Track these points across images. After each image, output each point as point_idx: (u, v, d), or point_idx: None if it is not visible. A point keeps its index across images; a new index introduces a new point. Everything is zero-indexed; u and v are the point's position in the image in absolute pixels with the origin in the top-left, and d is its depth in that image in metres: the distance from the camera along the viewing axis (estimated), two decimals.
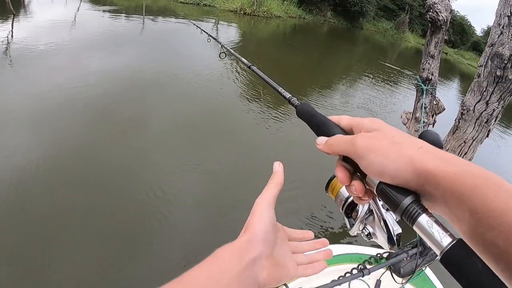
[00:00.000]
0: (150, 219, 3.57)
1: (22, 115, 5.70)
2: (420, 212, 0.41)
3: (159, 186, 4.10)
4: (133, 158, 4.66)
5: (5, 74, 7.81)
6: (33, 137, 5.11)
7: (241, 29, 16.78)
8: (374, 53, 16.68)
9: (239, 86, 8.09)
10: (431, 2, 3.69)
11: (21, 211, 3.54)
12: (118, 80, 7.44)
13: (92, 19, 15.49)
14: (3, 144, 4.83)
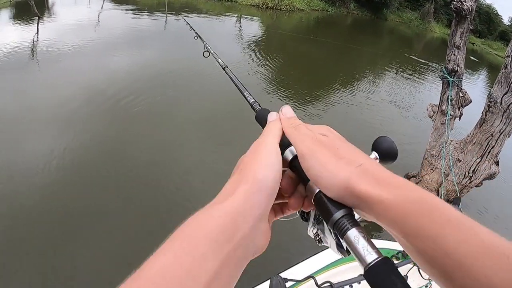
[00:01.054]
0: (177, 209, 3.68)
1: (50, 113, 5.91)
2: (349, 226, 0.42)
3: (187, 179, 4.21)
4: (161, 153, 4.78)
5: (33, 74, 8.06)
6: (63, 134, 5.29)
7: (264, 23, 16.79)
8: (399, 45, 16.43)
9: (268, 78, 8.13)
10: None
11: (58, 200, 3.73)
12: (145, 77, 7.58)
13: (116, 18, 15.73)
14: (39, 141, 5.05)
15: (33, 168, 4.42)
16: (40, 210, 3.66)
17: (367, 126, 6.17)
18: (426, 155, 4.34)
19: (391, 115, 6.76)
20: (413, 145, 5.66)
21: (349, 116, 6.55)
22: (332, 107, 6.75)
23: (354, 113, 6.67)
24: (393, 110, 7.08)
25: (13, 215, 3.60)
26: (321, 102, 6.94)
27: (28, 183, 4.16)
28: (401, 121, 6.69)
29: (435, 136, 4.16)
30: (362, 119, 6.44)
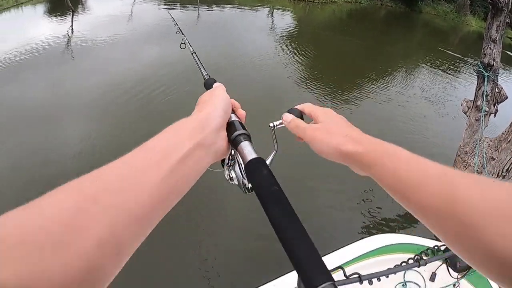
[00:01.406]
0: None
1: (84, 104, 6.19)
2: (242, 140, 0.62)
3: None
4: None
5: (68, 66, 8.36)
6: (96, 123, 5.55)
7: (296, 15, 16.76)
8: (433, 38, 16.09)
9: (299, 71, 8.18)
10: None
11: None
12: (178, 70, 7.71)
13: (148, 11, 15.94)
14: (73, 128, 5.32)
15: (67, 153, 4.70)
16: None
17: (398, 123, 6.16)
18: (459, 152, 4.31)
19: (424, 111, 6.71)
20: (446, 141, 5.63)
21: (380, 112, 6.55)
22: (363, 102, 6.79)
23: (386, 109, 6.67)
24: (426, 106, 7.02)
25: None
26: (352, 97, 6.96)
27: (62, 167, 4.43)
28: (434, 118, 6.64)
29: (469, 132, 4.12)
30: (394, 115, 6.42)
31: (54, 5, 20.22)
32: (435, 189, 0.48)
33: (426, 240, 1.96)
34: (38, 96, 6.77)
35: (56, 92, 6.93)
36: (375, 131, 4.78)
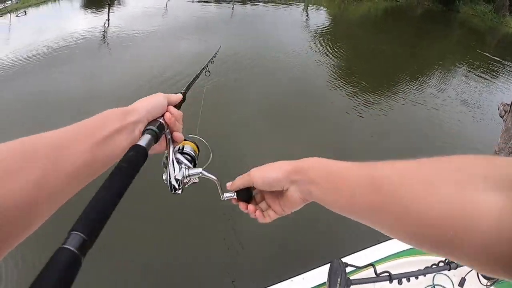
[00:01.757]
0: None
1: (120, 95, 6.45)
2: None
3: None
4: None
5: (104, 58, 8.63)
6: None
7: (331, 12, 16.67)
8: (471, 39, 15.74)
9: (331, 68, 8.20)
10: None
11: None
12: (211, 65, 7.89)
13: (183, 6, 16.11)
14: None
15: None
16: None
17: (431, 126, 6.11)
18: None
19: (458, 115, 6.62)
20: (480, 146, 5.57)
21: (413, 114, 6.52)
22: (397, 104, 6.74)
23: (419, 111, 6.62)
24: (460, 110, 6.93)
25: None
26: (385, 97, 6.94)
27: None
28: (468, 121, 6.55)
29: (505, 137, 4.01)
30: (427, 118, 6.38)
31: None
32: (360, 176, 0.59)
33: None
34: (73, 87, 7.07)
35: (92, 83, 7.21)
36: (406, 134, 4.78)
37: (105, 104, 4.37)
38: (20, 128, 5.65)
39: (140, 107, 0.74)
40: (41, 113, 6.21)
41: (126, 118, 0.68)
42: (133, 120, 0.70)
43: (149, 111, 0.75)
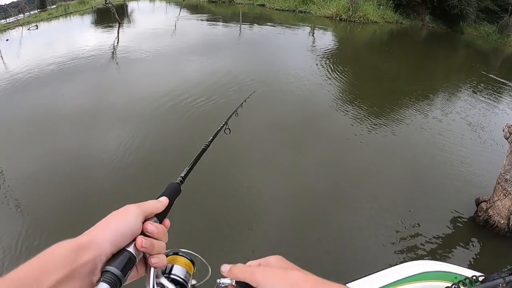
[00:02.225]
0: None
1: (129, 112, 6.66)
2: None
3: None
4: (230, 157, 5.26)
5: (112, 75, 8.92)
6: (139, 130, 6.07)
7: (337, 35, 17.05)
8: (475, 60, 15.91)
9: (337, 90, 8.37)
10: None
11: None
12: (217, 84, 8.07)
13: (191, 26, 16.57)
14: (119, 134, 6.00)
15: (105, 159, 5.11)
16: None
17: (434, 150, 6.19)
18: (499, 179, 4.21)
19: (463, 140, 6.65)
20: (485, 168, 5.65)
21: (416, 138, 6.59)
22: (400, 127, 6.80)
23: (423, 136, 6.69)
24: (465, 133, 6.98)
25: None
26: (390, 121, 7.03)
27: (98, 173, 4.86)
28: (473, 144, 6.60)
29: (511, 159, 4.07)
30: (431, 142, 6.47)
31: (101, 17, 21.39)
32: None
33: (463, 269, 1.88)
34: (81, 102, 7.33)
35: (100, 99, 7.45)
36: (409, 157, 4.93)
37: (110, 120, 4.64)
38: (25, 141, 5.92)
39: (100, 238, 0.57)
40: (48, 125, 6.49)
41: (77, 258, 0.53)
42: (88, 259, 0.54)
43: (113, 242, 0.58)
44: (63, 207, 4.22)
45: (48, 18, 23.20)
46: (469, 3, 23.97)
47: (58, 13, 24.60)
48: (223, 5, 25.76)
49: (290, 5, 23.22)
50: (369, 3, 21.74)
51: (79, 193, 4.46)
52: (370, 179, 5.04)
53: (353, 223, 4.17)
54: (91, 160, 5.20)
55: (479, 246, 3.99)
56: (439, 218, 4.33)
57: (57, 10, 26.14)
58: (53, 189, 4.58)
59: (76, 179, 4.76)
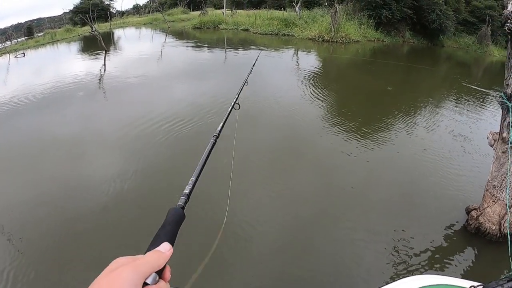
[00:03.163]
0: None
1: (116, 140, 6.65)
2: None
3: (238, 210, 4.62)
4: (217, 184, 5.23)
5: (99, 103, 8.94)
6: (125, 160, 5.97)
7: (321, 56, 17.25)
8: (457, 72, 16.18)
9: (320, 112, 8.41)
10: (508, 12, 3.54)
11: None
12: (204, 108, 8.09)
13: (177, 52, 16.78)
14: (104, 162, 5.90)
15: (93, 188, 5.04)
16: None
17: (422, 162, 6.17)
18: (487, 186, 4.20)
19: (449, 153, 6.59)
20: (473, 176, 5.66)
21: (405, 157, 6.47)
22: (388, 145, 6.78)
23: (412, 153, 6.59)
24: (451, 145, 6.95)
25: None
26: (377, 138, 7.03)
27: (86, 202, 4.75)
28: (459, 155, 6.58)
29: (497, 165, 4.06)
30: (419, 158, 6.41)
31: (87, 44, 21.61)
32: None
33: (462, 280, 1.90)
34: (68, 130, 7.27)
35: (86, 127, 7.41)
36: (397, 173, 4.93)
37: (97, 147, 4.60)
38: (10, 170, 5.81)
39: None
40: (34, 153, 6.38)
41: None
42: None
43: None
44: (51, 238, 4.10)
45: (35, 45, 23.46)
46: (448, 16, 24.57)
47: (45, 41, 24.89)
48: (208, 31, 26.16)
49: (273, 29, 23.72)
50: (351, 23, 22.25)
51: (67, 223, 4.34)
52: (360, 198, 4.98)
53: (344, 243, 4.10)
54: (79, 189, 5.05)
55: (474, 254, 3.96)
56: (431, 231, 4.29)
57: (44, 38, 26.48)
58: (38, 220, 4.45)
59: (64, 209, 4.63)
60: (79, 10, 35.67)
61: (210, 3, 50.90)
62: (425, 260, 3.80)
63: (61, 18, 46.29)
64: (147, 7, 50.67)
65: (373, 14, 23.17)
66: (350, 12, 23.57)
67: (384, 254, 3.87)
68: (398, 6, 23.30)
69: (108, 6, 41.36)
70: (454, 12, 26.05)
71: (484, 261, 3.90)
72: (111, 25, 29.82)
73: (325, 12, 23.90)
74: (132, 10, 52.14)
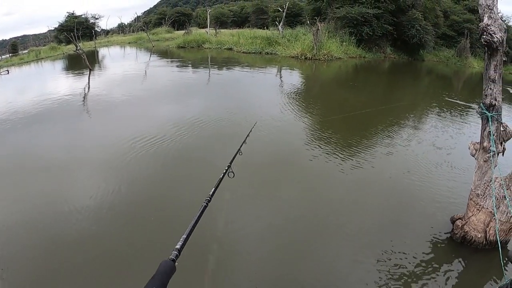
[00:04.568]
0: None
1: (95, 159, 6.61)
2: None
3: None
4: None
5: (83, 121, 8.82)
6: (107, 179, 5.78)
7: (304, 73, 17.42)
8: (438, 85, 16.44)
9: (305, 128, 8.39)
10: (484, 24, 3.64)
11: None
12: (188, 128, 8.05)
13: (161, 71, 16.81)
14: (88, 182, 5.70)
15: (76, 206, 4.90)
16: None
17: (410, 181, 6.06)
18: (471, 195, 4.25)
19: (433, 168, 6.55)
20: (456, 187, 5.67)
21: (390, 170, 6.38)
22: (372, 160, 6.73)
23: (396, 167, 6.53)
24: (435, 159, 6.91)
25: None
26: (362, 153, 7.00)
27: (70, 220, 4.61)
28: (443, 168, 6.56)
29: (479, 174, 4.12)
30: (403, 172, 6.35)
31: (72, 62, 21.50)
32: None
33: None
34: (51, 149, 7.13)
35: (70, 145, 7.26)
36: (382, 187, 4.88)
37: (83, 165, 4.48)
38: None
39: None
40: (18, 171, 6.22)
41: None
42: None
43: None
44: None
45: (19, 62, 23.32)
46: (427, 31, 25.10)
47: (30, 58, 24.79)
48: (192, 50, 26.29)
49: (256, 48, 23.92)
50: (332, 40, 22.54)
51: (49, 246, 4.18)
52: (346, 213, 4.90)
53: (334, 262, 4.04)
54: (61, 208, 4.93)
55: (462, 263, 3.92)
56: (418, 244, 4.23)
57: (29, 55, 26.36)
58: (20, 242, 4.28)
59: (44, 230, 4.48)
60: (64, 28, 35.71)
61: (194, 22, 51.49)
62: (415, 273, 3.72)
63: (46, 35, 46.28)
64: (132, 26, 50.91)
65: (354, 31, 23.57)
66: (332, 30, 23.92)
67: (372, 270, 3.82)
68: (378, 23, 23.75)
69: (93, 24, 41.44)
70: (433, 27, 26.65)
71: (472, 269, 3.87)
72: (96, 44, 29.73)
73: (308, 31, 24.20)
74: (117, 29, 52.36)
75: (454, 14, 30.92)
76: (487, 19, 3.67)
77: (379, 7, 23.73)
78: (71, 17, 38.32)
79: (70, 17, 38.48)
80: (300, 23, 31.71)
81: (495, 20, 3.64)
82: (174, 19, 47.83)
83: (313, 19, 23.83)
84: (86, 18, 40.21)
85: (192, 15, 54.20)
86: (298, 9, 39.13)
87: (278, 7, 36.11)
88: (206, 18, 34.14)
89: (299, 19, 35.88)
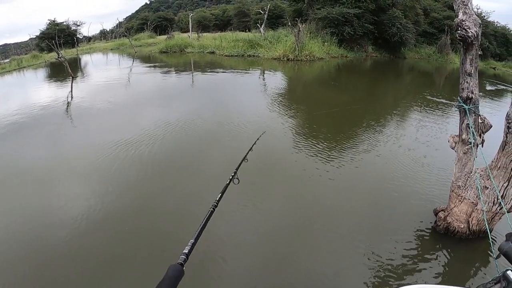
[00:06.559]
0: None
1: (83, 166, 6.38)
2: None
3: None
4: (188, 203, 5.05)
5: (67, 130, 8.68)
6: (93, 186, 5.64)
7: (287, 74, 17.42)
8: (420, 82, 16.57)
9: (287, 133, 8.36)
10: (459, 20, 3.71)
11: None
12: (174, 133, 7.99)
13: (144, 77, 16.68)
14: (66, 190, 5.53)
15: (62, 217, 4.77)
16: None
17: (393, 178, 6.03)
18: (453, 187, 4.30)
19: (414, 162, 6.63)
20: (440, 181, 5.73)
21: (373, 169, 6.35)
22: (355, 159, 6.69)
23: (379, 165, 6.51)
24: (415, 155, 6.99)
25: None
26: (345, 153, 6.97)
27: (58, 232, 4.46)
28: (421, 163, 6.60)
29: (459, 166, 4.17)
30: (386, 170, 6.33)
31: (54, 71, 21.22)
32: None
33: (447, 287, 1.88)
34: (35, 158, 6.87)
35: (53, 155, 7.10)
36: (366, 186, 4.86)
37: (68, 175, 4.32)
38: None
39: None
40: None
41: None
42: None
43: None
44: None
45: (1, 72, 22.93)
46: (408, 29, 25.39)
47: (11, 67, 24.37)
48: (175, 55, 26.11)
49: (238, 50, 23.88)
50: (314, 41, 22.62)
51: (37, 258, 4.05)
52: (330, 213, 4.83)
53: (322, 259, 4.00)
54: (46, 219, 4.78)
55: (447, 254, 3.91)
56: (404, 238, 4.26)
57: (10, 64, 25.91)
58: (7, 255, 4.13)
59: (32, 242, 4.33)
60: (45, 36, 35.12)
61: (177, 27, 51.21)
62: (402, 269, 3.70)
63: (27, 44, 45.53)
64: (113, 32, 50.39)
65: (336, 31, 23.73)
66: (313, 30, 24.02)
67: (358, 266, 3.80)
68: (359, 22, 23.95)
69: (74, 31, 40.77)
70: (414, 25, 26.99)
71: (457, 258, 3.88)
72: (78, 51, 29.38)
73: (289, 32, 24.25)
74: (99, 35, 51.78)
75: (434, 12, 31.36)
76: (462, 15, 3.72)
77: (360, 6, 23.96)
78: (52, 25, 37.72)
79: (52, 24, 37.88)
80: (282, 25, 31.82)
81: (470, 16, 3.69)
82: (156, 24, 47.50)
83: (295, 20, 23.87)
84: (68, 25, 39.61)
85: (174, 19, 53.91)
86: (280, 10, 39.31)
87: (260, 10, 36.13)
88: (188, 22, 33.94)
89: (281, 20, 36.04)
